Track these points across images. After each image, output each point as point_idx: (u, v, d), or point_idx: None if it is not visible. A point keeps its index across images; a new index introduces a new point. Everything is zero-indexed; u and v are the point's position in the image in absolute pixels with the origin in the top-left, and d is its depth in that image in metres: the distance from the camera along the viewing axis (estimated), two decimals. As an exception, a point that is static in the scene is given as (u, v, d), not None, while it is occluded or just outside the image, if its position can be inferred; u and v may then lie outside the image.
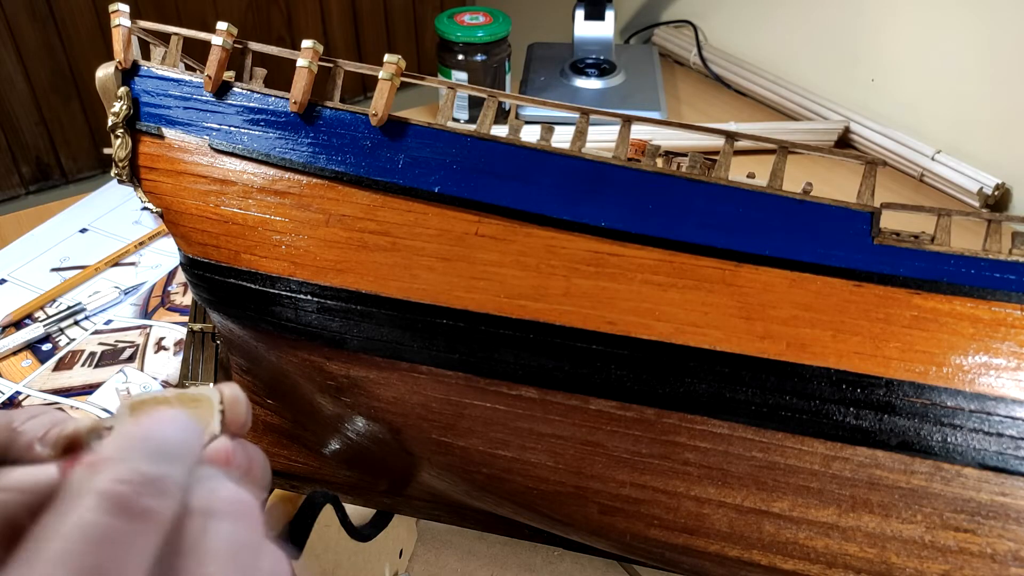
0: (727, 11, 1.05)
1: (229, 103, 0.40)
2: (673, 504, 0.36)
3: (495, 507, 0.42)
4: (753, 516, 0.36)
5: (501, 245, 0.36)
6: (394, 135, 0.37)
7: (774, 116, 0.97)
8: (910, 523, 0.34)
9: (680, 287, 0.35)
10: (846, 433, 0.34)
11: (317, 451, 0.45)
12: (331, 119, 0.38)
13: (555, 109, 0.40)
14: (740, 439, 0.35)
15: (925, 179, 0.84)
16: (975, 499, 0.33)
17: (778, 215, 0.35)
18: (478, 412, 0.37)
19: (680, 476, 0.36)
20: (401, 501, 0.46)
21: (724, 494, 0.36)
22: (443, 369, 0.37)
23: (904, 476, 0.34)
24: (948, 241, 0.35)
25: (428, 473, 0.41)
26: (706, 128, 0.39)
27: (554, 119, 0.87)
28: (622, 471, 0.36)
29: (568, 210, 0.36)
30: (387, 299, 0.37)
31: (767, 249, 0.35)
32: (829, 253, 0.35)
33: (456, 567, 0.52)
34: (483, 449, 0.38)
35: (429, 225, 0.37)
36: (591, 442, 0.36)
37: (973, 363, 0.33)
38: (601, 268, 0.36)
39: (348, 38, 1.46)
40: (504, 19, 0.92)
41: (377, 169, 0.37)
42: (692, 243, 0.35)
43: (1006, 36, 0.77)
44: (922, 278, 0.34)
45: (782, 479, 0.35)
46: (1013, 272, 0.34)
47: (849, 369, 0.34)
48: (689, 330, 0.35)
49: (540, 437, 0.37)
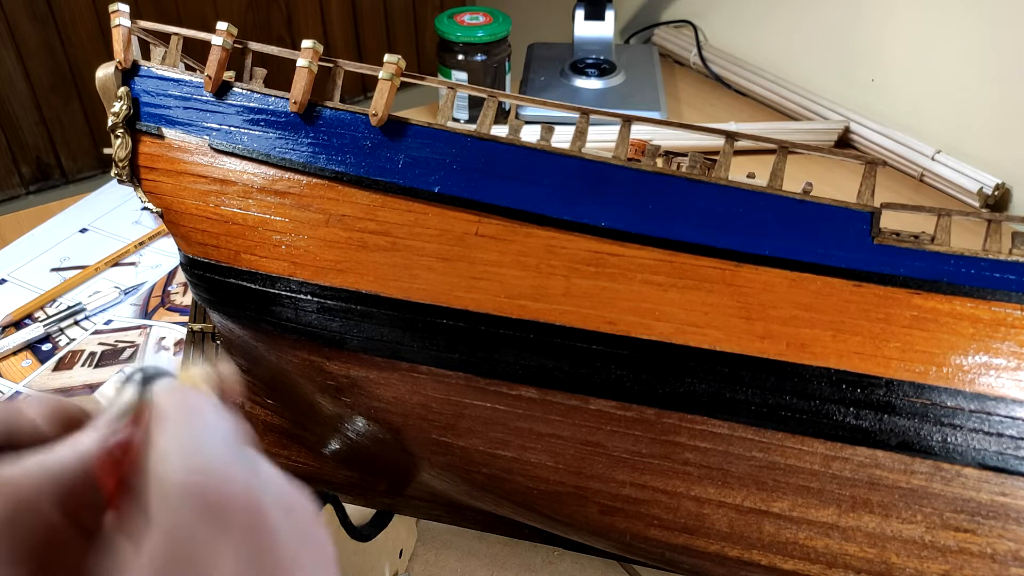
0: (727, 11, 1.05)
1: (229, 103, 0.40)
2: (673, 504, 0.36)
3: (495, 507, 0.42)
4: (753, 516, 0.36)
5: (501, 245, 0.36)
6: (394, 135, 0.37)
7: (774, 116, 0.97)
8: (910, 523, 0.34)
9: (680, 287, 0.35)
10: (846, 433, 0.34)
11: (317, 451, 0.45)
12: (331, 119, 0.38)
13: (555, 109, 0.40)
14: (740, 439, 0.35)
15: (925, 179, 0.83)
16: (975, 499, 0.33)
17: (778, 215, 0.35)
18: (478, 412, 0.37)
19: (680, 476, 0.36)
20: (401, 501, 0.46)
21: (724, 494, 0.36)
22: (443, 369, 0.37)
23: (904, 476, 0.34)
24: (948, 241, 0.35)
25: (428, 473, 0.41)
26: (706, 128, 0.39)
27: (554, 119, 0.87)
28: (622, 471, 0.36)
29: (568, 210, 0.36)
30: (387, 299, 0.37)
31: (767, 249, 0.35)
32: (829, 253, 0.35)
33: (456, 567, 0.52)
34: (483, 449, 0.38)
35: (429, 225, 0.37)
36: (591, 442, 0.36)
37: (973, 363, 0.33)
38: (601, 268, 0.36)
39: (348, 38, 1.46)
40: (504, 19, 0.92)
41: (377, 169, 0.37)
42: (692, 243, 0.35)
43: (1006, 36, 0.77)
44: (922, 278, 0.34)
45: (782, 479, 0.35)
46: (1013, 272, 0.34)
47: (849, 369, 0.34)
48: (689, 330, 0.35)
49: (540, 437, 0.37)
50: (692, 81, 1.05)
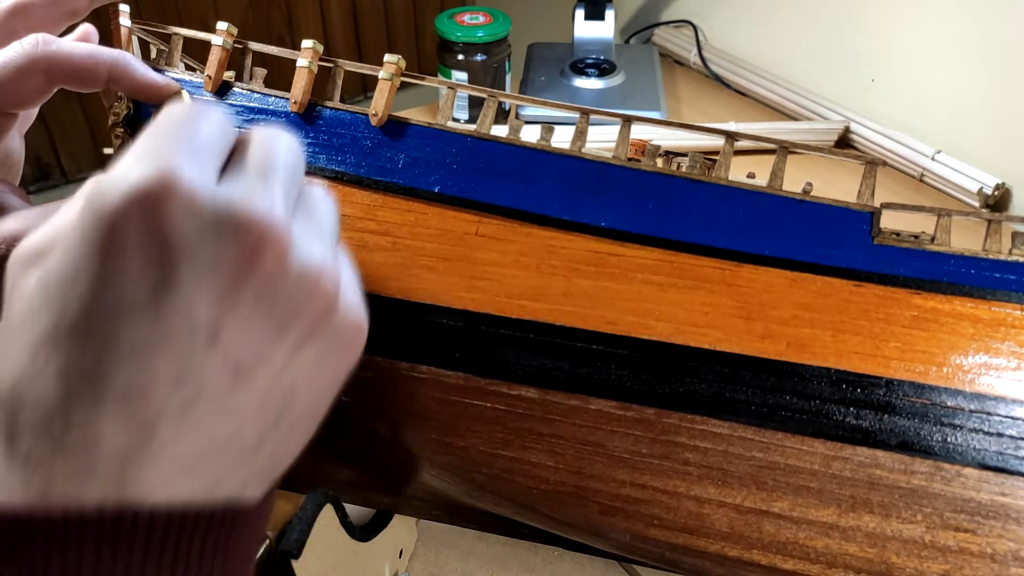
0: (727, 11, 1.05)
1: (229, 103, 0.40)
2: (673, 504, 0.36)
3: (495, 507, 0.42)
4: (753, 516, 0.36)
5: (501, 245, 0.36)
6: (394, 135, 0.37)
7: (774, 116, 0.97)
8: (910, 523, 0.34)
9: (680, 287, 0.35)
10: (846, 433, 0.34)
11: (317, 451, 0.45)
12: (331, 119, 0.38)
13: (555, 109, 0.40)
14: (740, 439, 0.35)
15: (925, 179, 0.83)
16: (975, 499, 0.33)
17: (778, 215, 0.35)
18: (478, 412, 0.37)
19: (680, 476, 0.36)
20: (401, 501, 0.46)
21: (724, 494, 0.36)
22: (443, 369, 0.37)
23: (904, 476, 0.34)
24: (948, 241, 0.35)
25: (428, 473, 0.41)
26: (706, 128, 0.39)
27: (554, 119, 0.87)
28: (622, 471, 0.36)
29: (568, 210, 0.36)
30: (387, 299, 0.37)
31: (767, 249, 0.35)
32: (829, 253, 0.35)
33: (456, 567, 0.52)
34: (483, 449, 0.38)
35: (429, 225, 0.37)
36: (591, 442, 0.36)
37: (973, 363, 0.33)
38: (601, 268, 0.36)
39: (348, 38, 1.46)
40: (504, 19, 0.92)
41: (377, 169, 0.37)
42: (692, 243, 0.35)
43: (1006, 36, 0.77)
44: (922, 278, 0.34)
45: (782, 479, 0.35)
46: (1013, 272, 0.34)
47: (849, 369, 0.34)
48: (689, 330, 0.35)
49: (540, 437, 0.37)
50: (692, 81, 1.05)
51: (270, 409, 0.25)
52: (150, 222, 0.22)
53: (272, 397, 0.24)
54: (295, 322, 0.24)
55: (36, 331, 0.22)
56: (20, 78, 0.34)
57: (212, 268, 0.22)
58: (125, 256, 0.22)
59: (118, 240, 0.22)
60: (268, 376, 0.24)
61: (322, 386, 0.27)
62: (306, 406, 0.26)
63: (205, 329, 0.22)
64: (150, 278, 0.22)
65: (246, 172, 0.24)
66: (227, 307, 0.22)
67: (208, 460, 0.23)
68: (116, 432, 0.21)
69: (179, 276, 0.22)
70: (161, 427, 0.22)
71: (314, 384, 0.26)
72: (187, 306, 0.22)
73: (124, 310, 0.22)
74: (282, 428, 0.25)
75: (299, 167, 0.27)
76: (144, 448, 0.22)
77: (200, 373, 0.22)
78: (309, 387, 0.26)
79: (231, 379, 0.23)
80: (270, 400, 0.24)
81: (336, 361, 0.27)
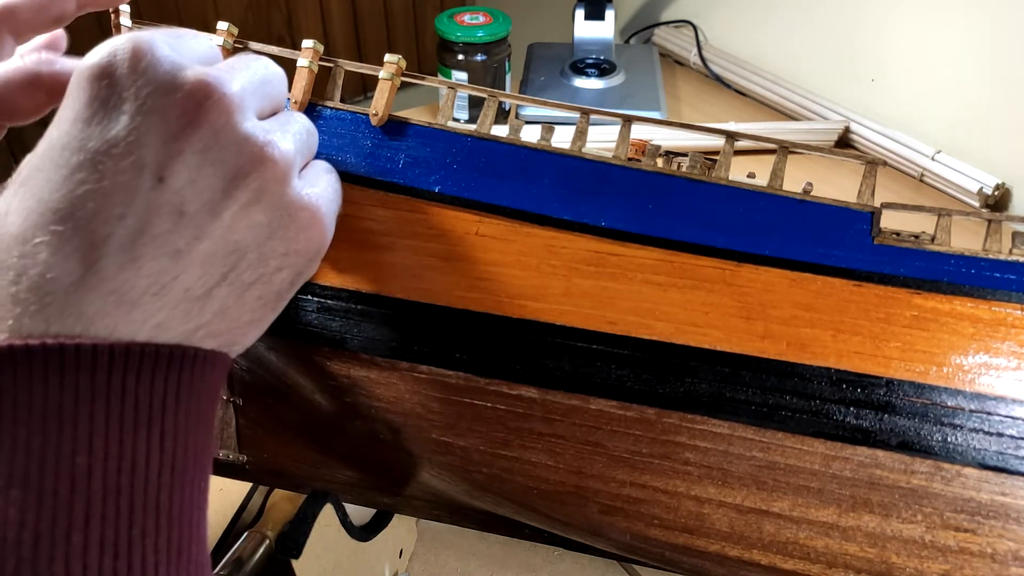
0: (727, 11, 1.05)
1: (229, 103, 0.40)
2: (673, 504, 0.36)
3: (495, 507, 0.42)
4: (753, 516, 0.36)
5: (501, 245, 0.36)
6: (394, 135, 0.37)
7: (774, 116, 0.97)
8: (910, 523, 0.34)
9: (680, 287, 0.35)
10: (846, 433, 0.34)
11: (317, 451, 0.45)
12: (331, 119, 0.38)
13: (555, 109, 0.40)
14: (740, 439, 0.35)
15: (925, 179, 0.84)
16: (975, 499, 0.33)
17: (778, 215, 0.35)
18: (478, 412, 0.37)
19: (680, 476, 0.36)
20: (401, 501, 0.46)
21: (724, 494, 0.36)
22: (443, 369, 0.37)
23: (904, 476, 0.34)
24: (948, 241, 0.35)
25: (428, 473, 0.41)
26: (706, 128, 0.39)
27: (554, 119, 0.87)
28: (622, 471, 0.36)
29: (568, 210, 0.36)
30: (387, 299, 0.37)
31: (767, 249, 0.35)
32: (829, 253, 0.35)
33: (456, 567, 0.52)
34: (483, 449, 0.38)
35: (429, 225, 0.37)
36: (591, 442, 0.36)
37: (973, 363, 0.33)
38: (601, 268, 0.36)
39: (348, 38, 1.46)
40: (504, 19, 0.93)
41: (377, 169, 0.37)
42: (692, 243, 0.35)
43: (1006, 36, 0.77)
44: (922, 278, 0.34)
45: (782, 479, 0.35)
46: (1013, 272, 0.34)
47: (849, 369, 0.34)
48: (689, 330, 0.35)
49: (540, 437, 0.37)
50: (692, 81, 1.05)
51: (215, 262, 0.26)
52: (117, 75, 0.25)
53: (218, 251, 0.26)
54: (240, 182, 0.26)
55: (15, 178, 0.25)
56: (21, 94, 0.35)
57: (162, 116, 0.25)
58: (89, 102, 0.25)
59: (84, 87, 0.25)
60: (214, 228, 0.26)
61: (275, 261, 0.28)
62: (257, 273, 0.28)
63: (152, 167, 0.25)
64: (109, 120, 0.25)
65: (216, 65, 0.28)
66: (174, 152, 0.25)
67: (149, 298, 0.24)
68: (60, 262, 0.23)
69: (134, 122, 0.25)
70: (104, 259, 0.24)
71: (265, 252, 0.28)
72: (136, 148, 0.24)
73: (78, 148, 0.25)
74: (232, 286, 0.27)
75: (273, 79, 0.30)
76: (87, 278, 0.23)
77: (144, 210, 0.24)
78: (261, 255, 0.28)
79: (175, 220, 0.25)
80: (216, 253, 0.26)
81: (288, 237, 0.28)
